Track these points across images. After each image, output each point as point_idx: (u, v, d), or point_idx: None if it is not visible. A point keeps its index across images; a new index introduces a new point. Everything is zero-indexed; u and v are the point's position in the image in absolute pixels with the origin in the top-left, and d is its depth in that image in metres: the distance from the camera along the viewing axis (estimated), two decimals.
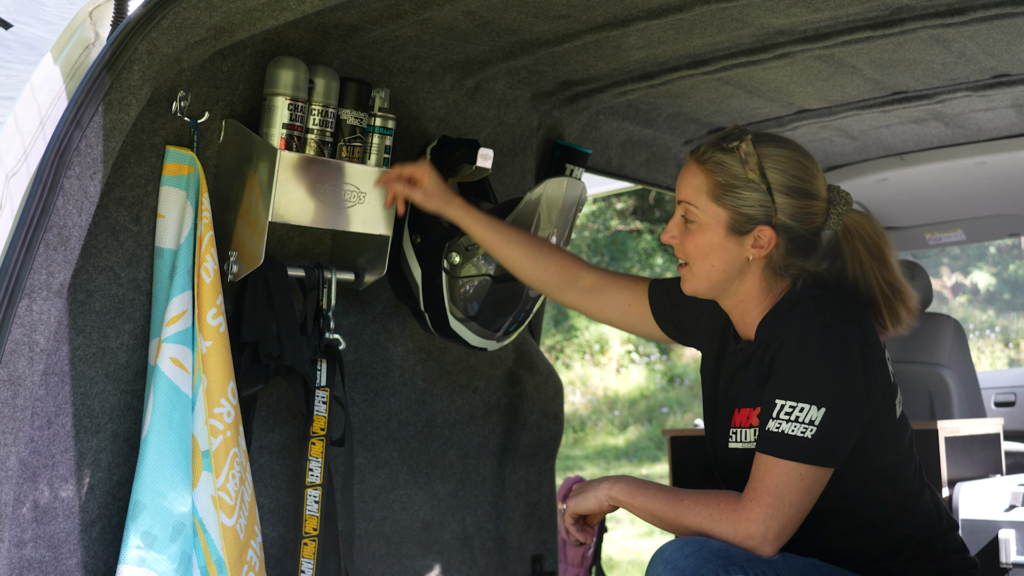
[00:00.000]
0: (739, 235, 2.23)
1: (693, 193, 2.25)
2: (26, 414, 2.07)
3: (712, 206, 2.23)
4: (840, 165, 4.24)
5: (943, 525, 2.26)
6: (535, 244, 2.65)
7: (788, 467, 2.09)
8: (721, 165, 2.22)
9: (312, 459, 2.63)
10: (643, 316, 2.59)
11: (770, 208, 2.21)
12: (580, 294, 2.64)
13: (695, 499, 2.16)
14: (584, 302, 2.65)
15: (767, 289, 2.27)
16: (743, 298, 2.28)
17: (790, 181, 2.22)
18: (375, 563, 2.93)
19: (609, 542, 7.58)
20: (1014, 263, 15.06)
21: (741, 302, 2.29)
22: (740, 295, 2.28)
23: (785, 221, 2.22)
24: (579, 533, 2.31)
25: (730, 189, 2.21)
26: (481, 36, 2.64)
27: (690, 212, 2.25)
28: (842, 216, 2.26)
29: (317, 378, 2.64)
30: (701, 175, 2.24)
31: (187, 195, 2.35)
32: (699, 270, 2.28)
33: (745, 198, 2.21)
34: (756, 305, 2.28)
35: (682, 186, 2.28)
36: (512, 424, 3.30)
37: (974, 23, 2.55)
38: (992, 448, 3.43)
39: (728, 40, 2.71)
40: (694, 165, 2.27)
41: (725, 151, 2.23)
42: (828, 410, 2.08)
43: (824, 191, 2.27)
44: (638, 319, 2.60)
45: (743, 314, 2.30)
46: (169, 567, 2.22)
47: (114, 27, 2.18)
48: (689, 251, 2.27)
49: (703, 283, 2.29)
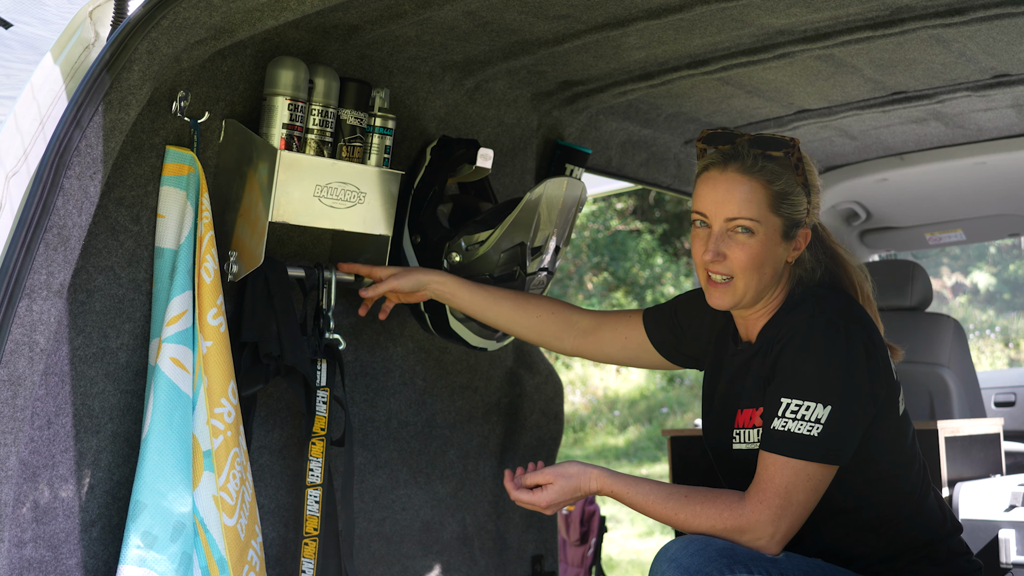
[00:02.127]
0: (788, 240, 2.23)
1: (753, 207, 2.17)
2: (26, 414, 2.07)
3: (771, 217, 2.19)
4: (840, 165, 4.25)
5: (947, 527, 2.26)
6: (523, 296, 2.68)
7: (797, 466, 2.09)
8: (775, 174, 2.19)
9: (312, 459, 2.62)
10: (642, 346, 2.58)
11: (808, 210, 2.23)
12: (578, 337, 2.65)
13: (698, 498, 2.15)
14: (583, 344, 2.65)
15: (774, 294, 2.27)
16: (763, 305, 2.27)
17: (816, 180, 2.26)
18: (375, 563, 2.93)
19: (609, 542, 7.58)
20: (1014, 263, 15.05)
21: (760, 309, 2.27)
22: (763, 302, 2.27)
23: (814, 221, 2.27)
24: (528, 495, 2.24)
25: (786, 197, 2.20)
26: (481, 36, 2.64)
27: (750, 226, 2.18)
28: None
29: (317, 378, 2.64)
30: (757, 187, 2.18)
31: (187, 195, 2.35)
32: (747, 282, 2.20)
33: (796, 204, 2.21)
34: (761, 309, 2.28)
35: (726, 200, 2.18)
36: (512, 424, 3.30)
37: (974, 23, 2.56)
38: (992, 448, 3.43)
39: (728, 40, 2.71)
40: (741, 177, 2.18)
41: (775, 160, 2.20)
42: (834, 408, 2.08)
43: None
44: (638, 350, 2.60)
45: (747, 316, 2.30)
46: (169, 567, 2.22)
47: (114, 27, 2.18)
48: (742, 265, 2.19)
49: (749, 294, 2.22)
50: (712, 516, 2.12)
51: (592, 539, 5.21)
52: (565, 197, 2.79)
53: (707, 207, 2.21)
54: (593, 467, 2.22)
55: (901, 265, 4.35)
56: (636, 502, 2.20)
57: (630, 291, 14.01)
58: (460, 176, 2.88)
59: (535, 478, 2.24)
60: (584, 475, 2.22)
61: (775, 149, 2.20)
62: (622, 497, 2.21)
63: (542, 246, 2.78)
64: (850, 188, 4.36)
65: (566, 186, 2.79)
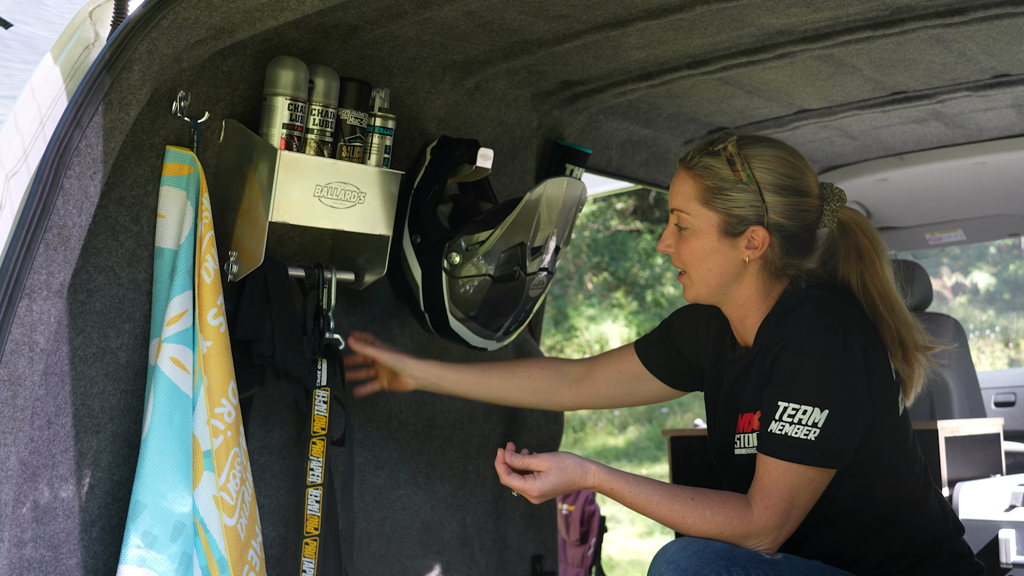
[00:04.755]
0: (732, 237, 2.23)
1: (683, 200, 2.27)
2: (26, 414, 2.07)
3: (703, 210, 2.24)
4: (840, 165, 4.25)
5: (949, 528, 2.25)
6: (509, 363, 2.72)
7: (799, 471, 2.09)
8: (709, 169, 2.24)
9: (313, 459, 2.62)
10: (638, 376, 2.58)
11: (760, 208, 2.21)
12: (572, 387, 2.66)
13: (705, 502, 2.13)
14: (580, 393, 2.65)
15: (766, 292, 2.27)
16: (743, 302, 2.28)
17: (779, 179, 2.23)
18: (375, 563, 2.93)
19: (609, 542, 7.58)
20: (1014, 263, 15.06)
21: (741, 306, 2.29)
22: (740, 299, 2.28)
23: (777, 220, 2.22)
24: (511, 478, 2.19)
25: (719, 192, 2.22)
26: (481, 36, 2.64)
27: (682, 219, 2.27)
28: (836, 212, 2.27)
29: (318, 378, 2.64)
30: (690, 181, 2.26)
31: (187, 195, 2.35)
32: (697, 276, 2.28)
33: (735, 199, 2.22)
34: (755, 308, 2.28)
35: (673, 194, 2.30)
36: (512, 424, 3.30)
37: (974, 23, 2.55)
38: (992, 448, 3.43)
39: (728, 40, 2.71)
40: (683, 172, 2.29)
41: (711, 155, 2.25)
42: (831, 412, 2.08)
43: (816, 188, 2.27)
44: (635, 381, 2.59)
45: (743, 318, 2.30)
46: (169, 567, 2.22)
47: (114, 27, 2.18)
48: (685, 258, 2.28)
49: (703, 288, 2.30)
50: (721, 522, 2.11)
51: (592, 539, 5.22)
52: (565, 197, 2.79)
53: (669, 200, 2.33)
54: (591, 462, 2.19)
55: (901, 265, 4.33)
56: (637, 502, 2.17)
57: (630, 291, 14.01)
58: (460, 176, 2.88)
59: (529, 463, 2.18)
60: (580, 470, 2.17)
61: (713, 145, 2.26)
62: (621, 496, 2.18)
63: (542, 246, 2.78)
64: (850, 188, 4.36)
65: (566, 186, 2.79)
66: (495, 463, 2.20)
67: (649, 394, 2.60)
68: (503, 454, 2.20)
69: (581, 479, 2.18)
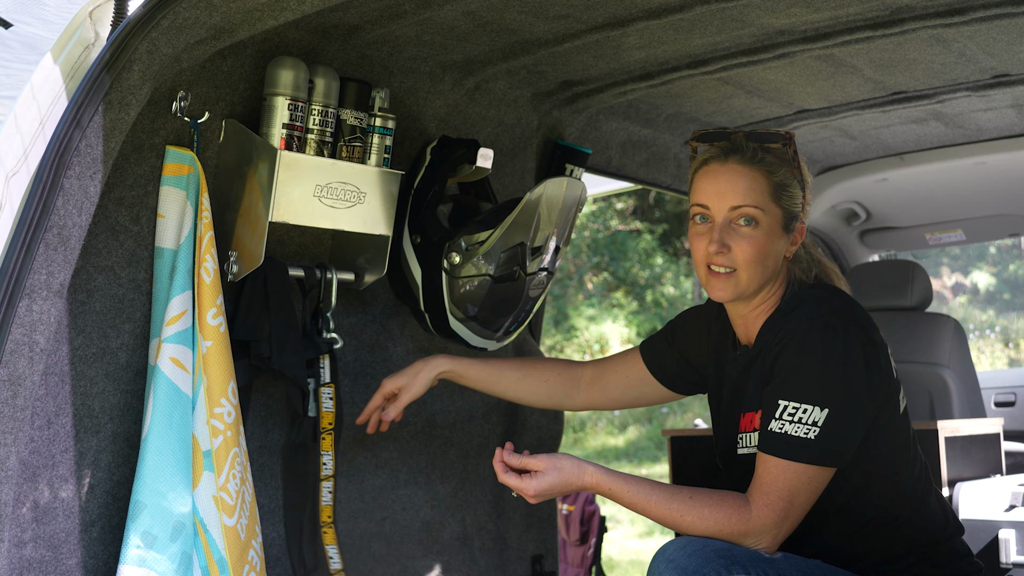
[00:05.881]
0: (788, 234, 2.25)
1: (756, 196, 2.18)
2: (26, 414, 2.07)
3: (773, 207, 2.21)
4: (840, 165, 4.25)
5: (950, 528, 2.25)
6: (527, 362, 2.71)
7: (798, 469, 2.08)
8: (775, 165, 2.22)
9: (324, 453, 2.69)
10: (644, 380, 2.60)
11: (803, 203, 2.26)
12: (586, 389, 2.68)
13: (704, 501, 2.13)
14: (591, 395, 2.67)
15: (771, 290, 2.27)
16: (764, 299, 2.27)
17: (809, 177, 2.29)
18: (375, 563, 2.93)
19: (609, 542, 7.58)
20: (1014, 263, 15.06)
21: (759, 305, 2.27)
22: (763, 296, 2.27)
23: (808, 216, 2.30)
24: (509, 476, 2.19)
25: (784, 188, 2.22)
26: (481, 36, 2.64)
27: (754, 216, 2.18)
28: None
29: (321, 375, 2.68)
30: (759, 176, 2.20)
31: (187, 195, 2.35)
32: (751, 275, 2.20)
33: (794, 196, 2.24)
34: (759, 305, 2.28)
35: (734, 191, 2.18)
36: (512, 424, 3.30)
37: (974, 23, 2.56)
38: (992, 448, 3.43)
39: (728, 40, 2.71)
40: (742, 167, 2.20)
41: (772, 151, 2.22)
42: (831, 411, 2.08)
43: None
44: (641, 385, 2.61)
45: (754, 317, 2.29)
46: (169, 567, 2.22)
47: (114, 27, 2.18)
48: (746, 256, 2.18)
49: (750, 287, 2.22)
50: (719, 520, 2.10)
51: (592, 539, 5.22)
52: (565, 197, 2.79)
53: (709, 198, 2.20)
54: (589, 463, 2.18)
55: (901, 265, 4.34)
56: (635, 502, 2.16)
57: (630, 291, 14.01)
58: (460, 176, 2.88)
59: (526, 462, 2.18)
60: (577, 470, 2.17)
61: (772, 142, 2.22)
62: (619, 496, 2.17)
63: (542, 246, 2.79)
64: (850, 188, 4.37)
65: (566, 186, 2.79)
66: (493, 461, 2.20)
67: (655, 396, 2.62)
68: (501, 453, 2.20)
69: (578, 480, 2.18)
